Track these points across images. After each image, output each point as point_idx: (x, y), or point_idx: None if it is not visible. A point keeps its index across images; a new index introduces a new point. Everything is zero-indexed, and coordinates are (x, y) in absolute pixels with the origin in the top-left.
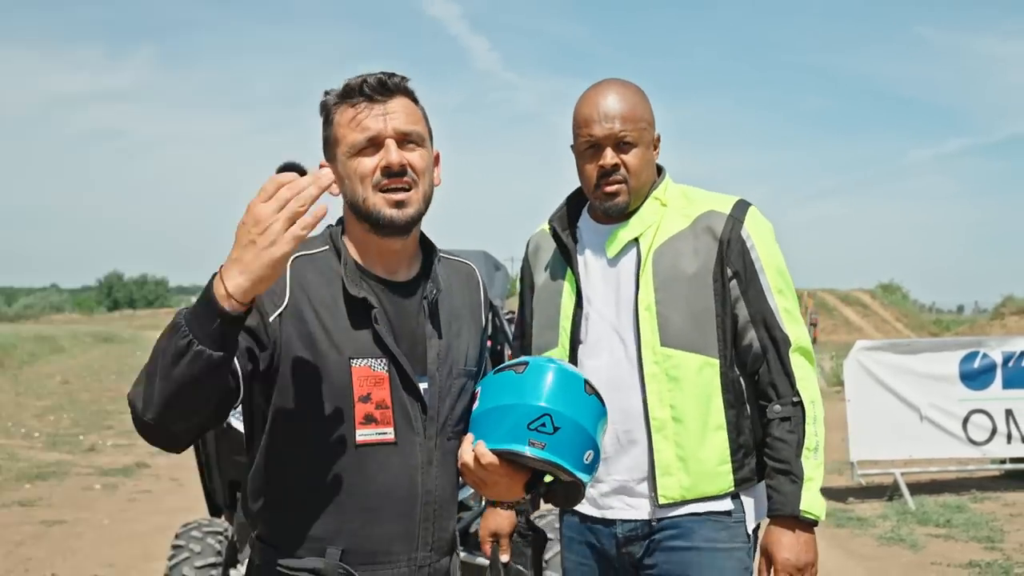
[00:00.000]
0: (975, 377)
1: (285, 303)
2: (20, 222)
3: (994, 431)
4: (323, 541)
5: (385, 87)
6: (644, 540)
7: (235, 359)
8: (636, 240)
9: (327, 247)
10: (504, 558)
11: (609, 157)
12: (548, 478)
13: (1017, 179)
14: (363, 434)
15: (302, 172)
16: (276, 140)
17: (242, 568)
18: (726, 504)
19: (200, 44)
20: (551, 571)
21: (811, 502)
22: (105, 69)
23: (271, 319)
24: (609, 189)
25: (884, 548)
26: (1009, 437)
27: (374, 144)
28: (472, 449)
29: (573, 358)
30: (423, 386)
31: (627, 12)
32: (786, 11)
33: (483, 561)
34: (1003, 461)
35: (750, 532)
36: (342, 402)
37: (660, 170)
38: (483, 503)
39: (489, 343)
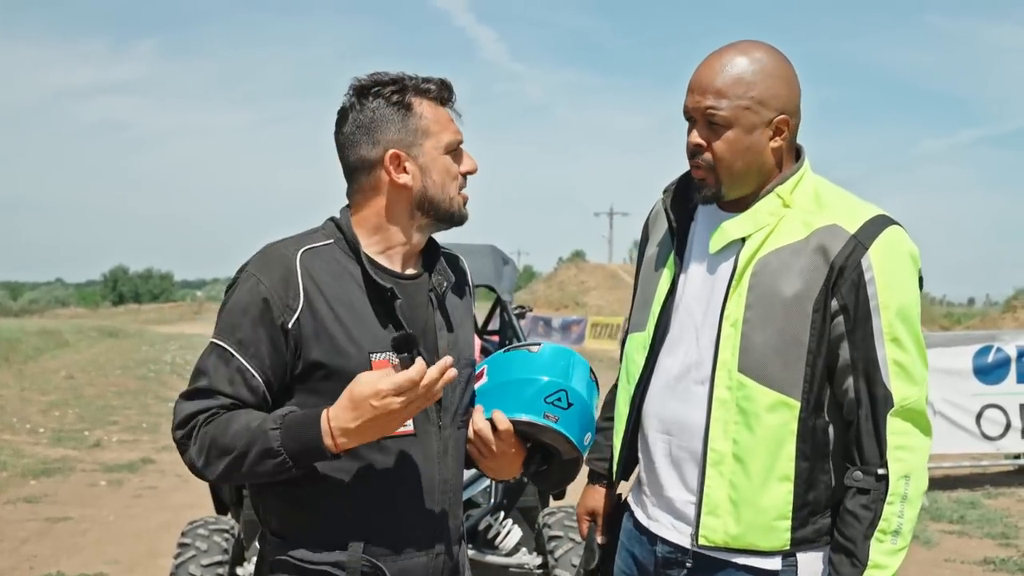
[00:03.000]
0: (989, 371)
1: (300, 304)
2: (25, 216)
3: (1008, 426)
4: (345, 534)
5: (454, 94)
6: (682, 569)
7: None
8: (744, 240)
9: (331, 240)
10: (600, 539)
11: (692, 135)
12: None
13: None
14: None
15: (415, 343)
16: (284, 132)
17: (249, 566)
18: (773, 563)
19: (206, 36)
20: (560, 569)
21: None
22: (110, 61)
23: (290, 324)
24: (695, 174)
25: None
26: (1023, 432)
27: (457, 146)
28: (488, 418)
29: (655, 348)
30: None
31: (638, 1)
32: None
33: (492, 559)
34: (1017, 456)
35: None
36: None
37: (799, 156)
38: (491, 500)
39: (496, 338)
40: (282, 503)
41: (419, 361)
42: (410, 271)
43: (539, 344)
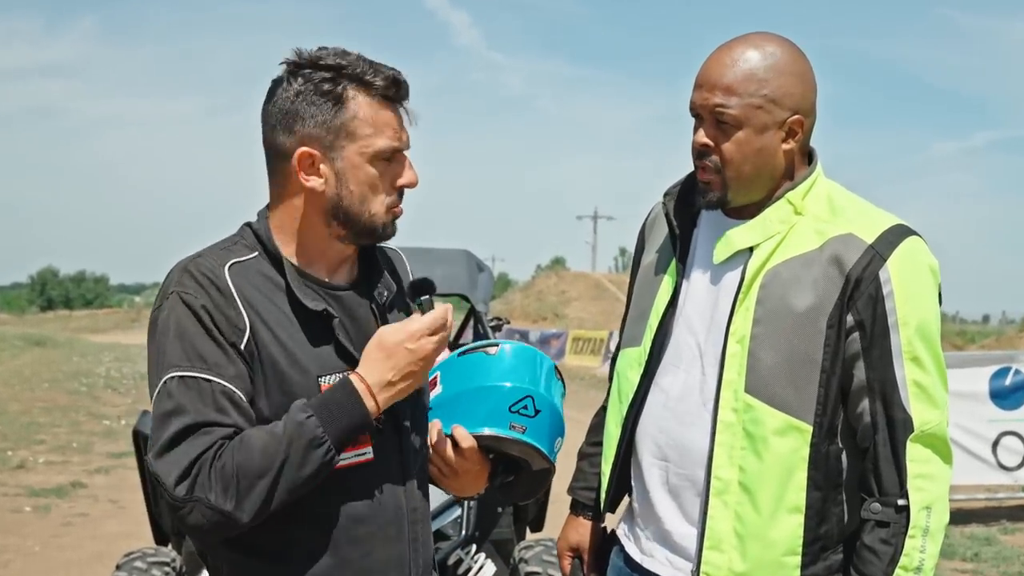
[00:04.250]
0: (1007, 396)
1: (247, 325)
2: None
3: None
4: None
5: (408, 92)
6: None
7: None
8: (752, 250)
9: (255, 253)
10: None
11: (699, 134)
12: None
13: None
14: (342, 457)
15: (432, 287)
16: (234, 123)
17: None
18: None
19: (150, 15)
20: None
21: None
22: (43, 41)
23: (242, 347)
24: (701, 176)
25: None
26: None
27: (393, 154)
28: (448, 435)
29: (651, 366)
30: None
31: None
32: None
33: None
34: None
35: None
36: None
37: (811, 159)
38: (463, 532)
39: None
40: (234, 551)
41: (438, 303)
42: (345, 278)
43: (497, 345)
